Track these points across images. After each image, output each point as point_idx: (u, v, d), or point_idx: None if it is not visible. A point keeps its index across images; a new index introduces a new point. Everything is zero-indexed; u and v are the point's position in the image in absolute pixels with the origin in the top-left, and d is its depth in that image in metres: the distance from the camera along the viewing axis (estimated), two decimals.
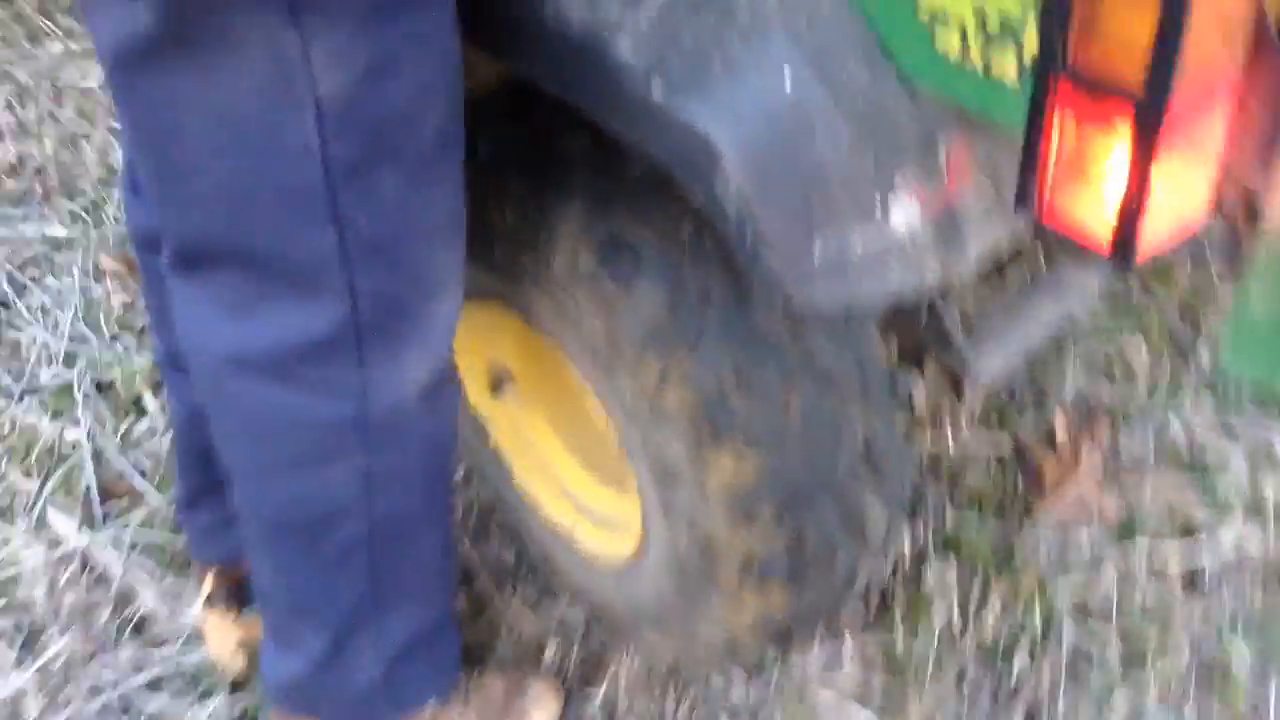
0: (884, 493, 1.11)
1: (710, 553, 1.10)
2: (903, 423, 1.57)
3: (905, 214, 0.76)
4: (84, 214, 2.13)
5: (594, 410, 1.16)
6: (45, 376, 1.80)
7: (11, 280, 1.99)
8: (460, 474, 1.58)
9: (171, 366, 1.27)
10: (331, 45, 0.77)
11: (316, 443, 1.00)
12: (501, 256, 1.10)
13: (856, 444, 1.07)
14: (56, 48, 2.59)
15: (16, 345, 1.87)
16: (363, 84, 0.80)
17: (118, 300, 1.94)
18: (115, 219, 2.11)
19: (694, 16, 0.77)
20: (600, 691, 1.38)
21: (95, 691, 1.40)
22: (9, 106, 2.42)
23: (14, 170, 2.25)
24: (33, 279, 2.00)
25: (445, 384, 1.04)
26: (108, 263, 2.01)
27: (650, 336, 1.01)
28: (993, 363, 1.08)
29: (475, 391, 1.38)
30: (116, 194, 2.16)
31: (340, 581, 1.11)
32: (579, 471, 1.37)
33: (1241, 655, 1.35)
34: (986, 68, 0.69)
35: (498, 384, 1.36)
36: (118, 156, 2.25)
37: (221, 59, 0.78)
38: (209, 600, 1.42)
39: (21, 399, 1.77)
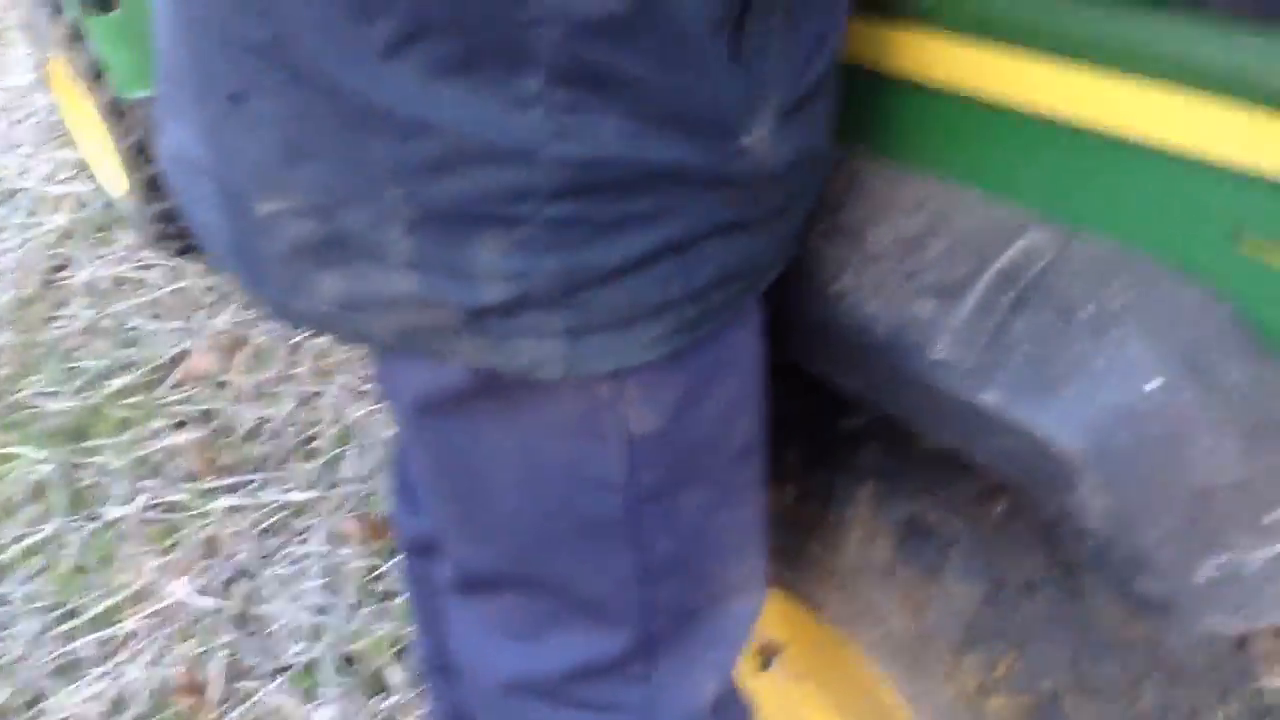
0: None
1: None
2: None
3: None
4: (321, 475, 2.17)
5: (896, 708, 1.04)
6: (291, 654, 1.79)
7: (253, 550, 2.02)
8: None
9: (436, 669, 1.22)
10: (644, 383, 0.72)
11: None
12: (783, 542, 1.02)
13: None
14: None
15: (263, 620, 1.88)
16: (675, 417, 0.75)
17: (360, 564, 1.94)
18: (353, 478, 2.13)
19: (1022, 312, 0.69)
20: None
21: None
22: (248, 370, 2.52)
23: (251, 435, 2.32)
24: (275, 547, 2.02)
25: (735, 697, 0.96)
26: (348, 525, 2.03)
27: (968, 635, 0.89)
28: None
29: (741, 668, 1.28)
30: (349, 452, 2.19)
31: None
32: None
33: None
34: None
35: (766, 661, 1.26)
36: (352, 411, 2.31)
37: (531, 405, 0.74)
38: None
39: (274, 678, 1.76)
